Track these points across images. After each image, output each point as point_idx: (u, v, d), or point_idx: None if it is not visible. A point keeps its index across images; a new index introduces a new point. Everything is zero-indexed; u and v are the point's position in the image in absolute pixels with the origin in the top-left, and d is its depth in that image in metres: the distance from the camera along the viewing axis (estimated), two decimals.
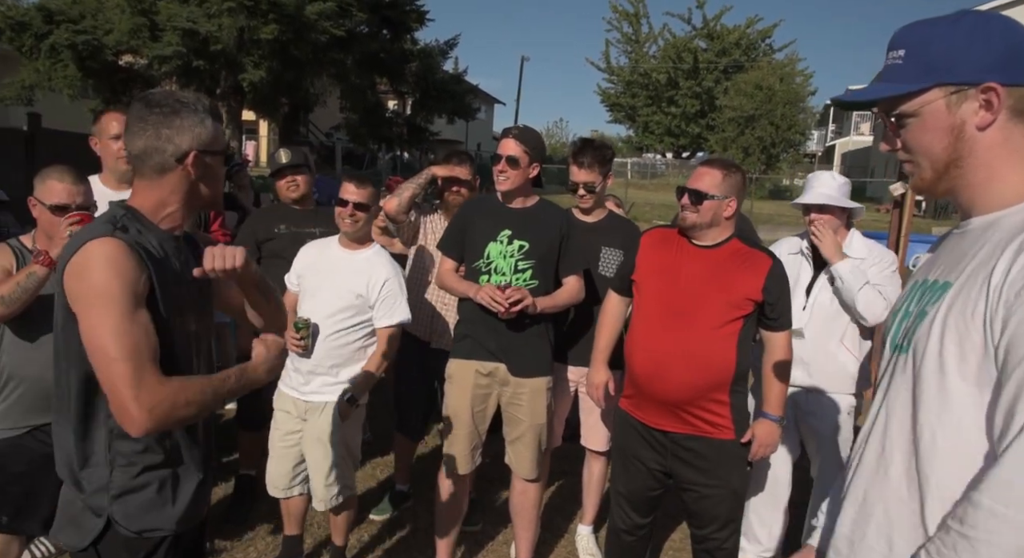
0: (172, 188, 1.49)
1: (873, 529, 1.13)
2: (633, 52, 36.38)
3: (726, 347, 2.40)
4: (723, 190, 2.42)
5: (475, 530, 3.39)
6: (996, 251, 1.01)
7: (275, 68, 17.91)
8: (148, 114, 1.44)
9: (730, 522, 2.54)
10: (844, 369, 2.95)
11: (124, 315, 1.33)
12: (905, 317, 1.18)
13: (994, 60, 1.04)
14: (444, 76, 22.84)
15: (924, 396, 1.06)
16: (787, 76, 29.15)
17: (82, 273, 1.34)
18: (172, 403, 1.33)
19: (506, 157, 2.74)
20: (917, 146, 1.11)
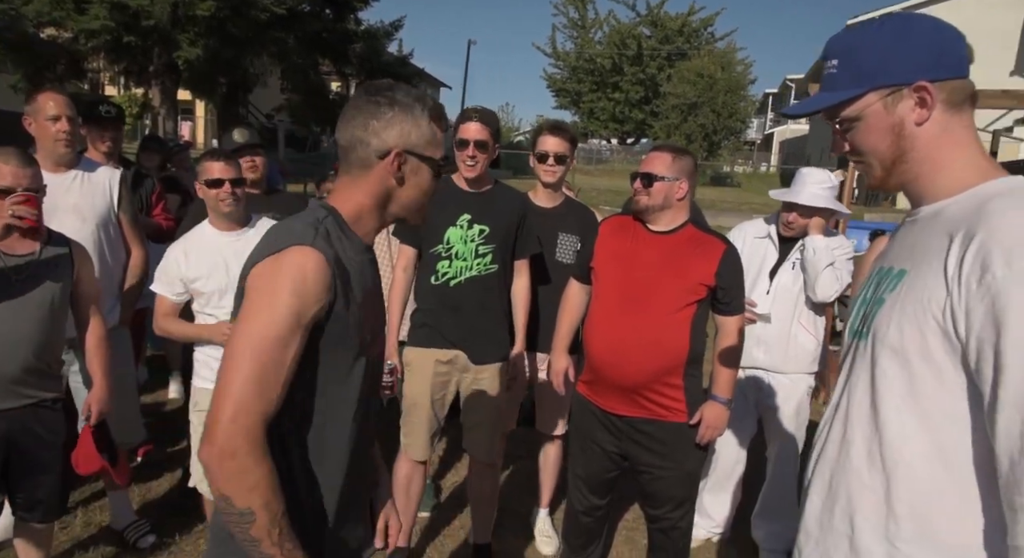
0: (370, 189, 1.34)
1: (839, 511, 1.17)
2: (579, 37, 36.52)
3: (680, 331, 2.45)
4: (673, 172, 2.45)
5: (430, 515, 3.39)
6: (945, 239, 1.05)
7: (212, 46, 17.30)
8: (364, 103, 1.32)
9: (685, 502, 2.60)
10: (803, 349, 3.06)
11: (275, 336, 1.18)
12: (864, 304, 1.22)
13: (921, 59, 1.09)
14: (389, 58, 22.50)
15: (883, 381, 1.10)
16: (728, 65, 29.73)
17: (266, 276, 1.21)
18: (250, 468, 1.16)
19: (475, 142, 2.72)
20: (864, 147, 1.17)
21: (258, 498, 1.16)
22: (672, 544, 2.66)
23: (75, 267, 2.40)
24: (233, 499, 1.16)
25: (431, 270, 2.77)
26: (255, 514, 1.16)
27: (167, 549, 2.97)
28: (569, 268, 3.12)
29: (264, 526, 1.17)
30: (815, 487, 1.24)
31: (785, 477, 3.18)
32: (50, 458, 2.36)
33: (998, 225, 0.98)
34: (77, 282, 2.41)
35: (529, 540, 3.30)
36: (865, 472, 1.13)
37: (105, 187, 2.90)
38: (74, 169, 2.84)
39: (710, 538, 3.37)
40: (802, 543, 1.27)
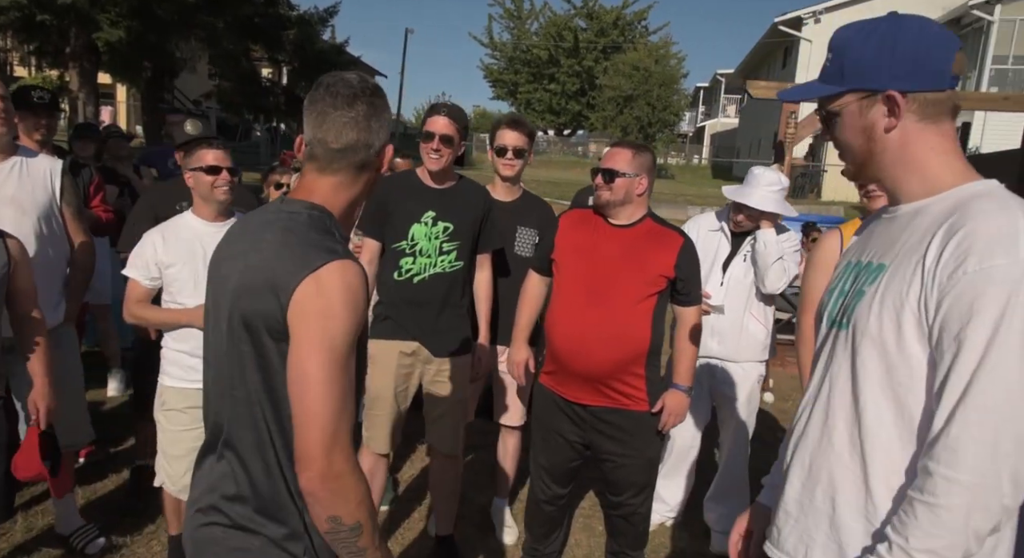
0: (364, 187, 1.34)
1: (820, 492, 1.24)
2: (515, 28, 36.51)
3: (642, 322, 2.51)
4: (633, 168, 2.51)
5: (389, 509, 3.38)
6: (926, 236, 1.12)
7: (136, 28, 16.52)
8: (355, 102, 1.27)
9: (645, 487, 2.68)
10: (755, 338, 3.17)
11: (345, 361, 1.18)
12: (841, 295, 1.29)
13: (897, 69, 1.15)
14: (324, 46, 21.97)
15: (863, 370, 1.17)
16: (662, 58, 30.28)
17: (321, 295, 1.18)
18: (355, 485, 1.18)
19: (440, 136, 2.71)
20: (841, 141, 1.24)
21: (364, 511, 1.20)
22: (633, 529, 2.74)
23: (10, 261, 2.28)
24: (343, 518, 1.18)
25: (394, 266, 2.76)
26: (363, 526, 1.20)
27: (118, 552, 2.88)
28: (528, 261, 3.15)
29: (370, 534, 1.21)
30: (794, 471, 1.30)
31: (737, 461, 3.31)
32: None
33: (978, 225, 1.06)
34: (12, 277, 2.29)
35: (489, 530, 3.33)
36: (846, 455, 1.20)
37: (45, 177, 2.75)
38: (12, 157, 2.68)
39: (664, 522, 3.47)
40: (780, 523, 1.33)
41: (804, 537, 1.27)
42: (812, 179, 20.38)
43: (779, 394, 5.71)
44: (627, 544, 2.78)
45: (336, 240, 1.25)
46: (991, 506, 1.04)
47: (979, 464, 1.03)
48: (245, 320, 1.23)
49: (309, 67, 21.67)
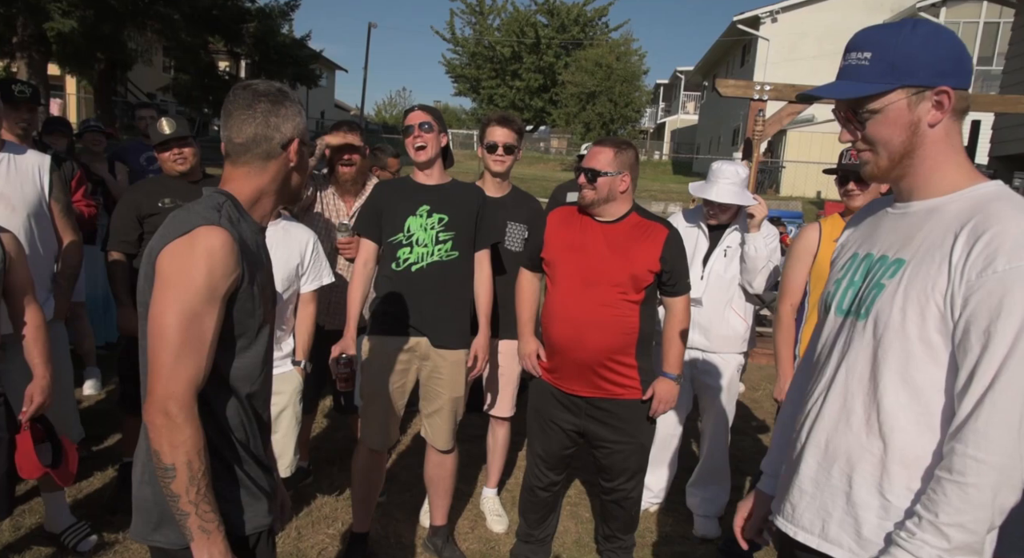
0: (272, 176, 1.48)
1: (837, 470, 1.33)
2: (477, 23, 36.39)
3: (631, 314, 2.60)
4: (615, 166, 2.58)
5: (382, 500, 3.41)
6: (947, 234, 1.21)
7: (88, 18, 16.03)
8: (255, 102, 1.43)
9: (637, 473, 2.78)
10: (735, 331, 3.29)
11: (195, 309, 1.31)
12: (851, 286, 1.38)
13: (946, 66, 1.23)
14: (285, 39, 21.65)
15: (887, 358, 1.26)
16: (623, 55, 30.56)
17: (178, 255, 1.32)
18: (179, 427, 1.28)
19: (418, 124, 2.78)
20: (878, 138, 1.28)
21: (182, 456, 1.28)
22: (625, 513, 2.83)
23: (5, 256, 2.26)
24: (161, 454, 1.29)
25: (392, 258, 2.80)
26: (176, 471, 1.28)
27: (111, 549, 2.86)
28: (518, 256, 3.23)
29: (183, 483, 1.29)
30: (810, 451, 1.39)
31: (719, 448, 3.43)
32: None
33: (1004, 227, 1.15)
34: (9, 271, 2.27)
35: (480, 520, 3.40)
36: (864, 436, 1.29)
37: (34, 173, 2.72)
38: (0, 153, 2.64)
39: (648, 508, 3.58)
40: (796, 500, 1.42)
41: (821, 512, 1.36)
42: (771, 175, 20.85)
43: (749, 384, 5.88)
44: (619, 528, 2.87)
45: (219, 215, 1.37)
46: (1016, 484, 1.14)
47: (1006, 446, 1.13)
48: (140, 287, 1.41)
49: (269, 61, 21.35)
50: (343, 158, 3.28)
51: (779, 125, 6.13)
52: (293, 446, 2.84)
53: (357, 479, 2.93)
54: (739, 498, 3.75)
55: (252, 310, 1.42)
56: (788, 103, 5.93)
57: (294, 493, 3.45)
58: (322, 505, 3.39)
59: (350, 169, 3.29)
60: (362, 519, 2.97)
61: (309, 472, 3.62)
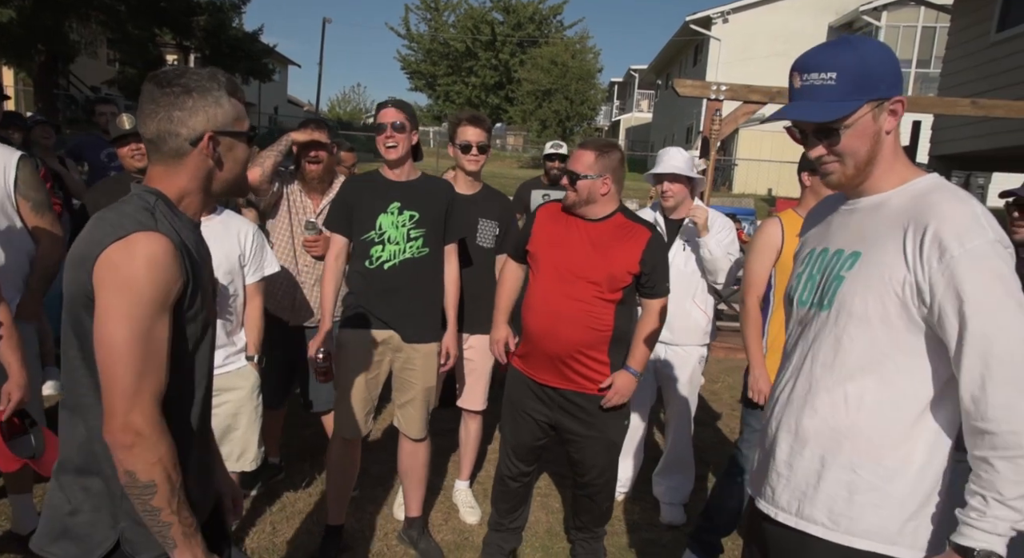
0: (191, 174, 1.39)
1: (808, 452, 1.44)
2: (432, 19, 36.23)
3: (606, 312, 2.66)
4: (595, 170, 2.63)
5: (355, 495, 3.44)
6: (897, 226, 1.33)
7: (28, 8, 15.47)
8: (159, 95, 1.34)
9: (607, 468, 2.85)
10: (696, 324, 3.41)
11: (147, 323, 1.25)
12: (810, 279, 1.49)
13: (895, 78, 1.36)
14: (237, 33, 21.21)
15: (849, 343, 1.37)
16: (579, 53, 30.81)
17: (120, 265, 1.24)
18: (154, 445, 1.25)
19: (391, 124, 2.80)
20: (847, 150, 1.37)
21: (160, 472, 1.26)
22: (596, 507, 2.92)
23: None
24: (138, 474, 1.25)
25: (364, 256, 2.83)
26: (157, 486, 1.26)
27: None
28: (489, 252, 3.30)
29: (165, 496, 1.27)
30: (782, 435, 1.49)
31: (682, 438, 3.56)
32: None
33: (947, 217, 1.27)
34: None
35: (453, 512, 3.45)
36: (831, 418, 1.40)
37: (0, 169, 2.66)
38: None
39: (616, 497, 3.68)
40: (773, 483, 1.53)
41: (796, 493, 1.46)
42: (724, 173, 21.31)
43: (708, 376, 6.05)
44: (591, 520, 2.96)
45: (153, 219, 1.30)
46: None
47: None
48: (67, 291, 1.32)
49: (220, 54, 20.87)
50: (310, 155, 3.28)
51: (734, 124, 6.33)
52: (256, 440, 2.81)
53: (332, 471, 2.97)
54: (703, 487, 3.91)
55: (196, 314, 1.37)
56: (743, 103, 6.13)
57: (266, 489, 3.46)
58: (295, 500, 3.40)
59: (317, 166, 3.29)
60: (337, 512, 3.00)
61: (281, 468, 3.62)
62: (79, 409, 1.34)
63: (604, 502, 2.90)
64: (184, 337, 1.35)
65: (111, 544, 1.33)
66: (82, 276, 1.27)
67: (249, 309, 2.85)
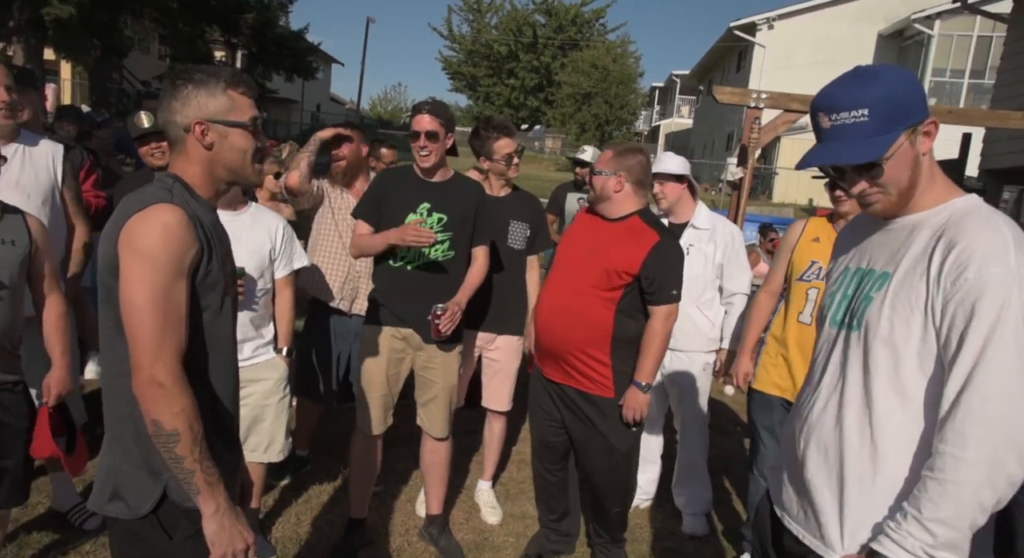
0: (192, 159, 1.52)
1: (833, 472, 1.42)
2: (475, 21, 36.43)
3: (603, 310, 2.64)
4: (611, 167, 2.68)
5: (379, 490, 3.50)
6: (927, 248, 1.31)
7: (86, 5, 15.99)
8: (167, 88, 1.50)
9: (609, 472, 2.79)
10: (700, 330, 3.40)
11: (165, 284, 1.37)
12: (845, 299, 1.47)
13: (921, 100, 1.34)
14: (284, 31, 21.62)
15: (875, 366, 1.36)
16: (620, 57, 30.68)
17: (138, 233, 1.38)
18: (176, 396, 1.36)
19: (425, 132, 2.80)
20: (891, 180, 1.35)
21: (183, 421, 1.36)
22: (604, 511, 2.90)
23: (31, 241, 2.31)
24: (163, 423, 1.36)
25: (390, 253, 2.86)
26: (180, 435, 1.36)
27: None
28: (519, 254, 3.32)
29: (188, 445, 1.37)
30: (809, 453, 1.48)
31: (692, 447, 3.52)
32: (12, 443, 2.29)
33: (974, 240, 1.26)
34: (35, 257, 2.33)
35: (474, 511, 3.48)
36: (856, 440, 1.38)
37: (48, 162, 2.78)
38: (13, 143, 2.70)
39: (638, 504, 3.66)
40: (794, 496, 1.53)
41: (816, 511, 1.45)
42: (764, 181, 21.03)
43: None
44: (601, 526, 2.96)
45: (169, 194, 1.44)
46: (996, 482, 1.21)
47: (983, 444, 1.20)
48: (100, 264, 1.46)
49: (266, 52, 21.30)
50: (332, 152, 3.37)
51: (774, 133, 6.24)
52: (283, 432, 2.84)
53: (355, 465, 3.01)
54: (726, 497, 3.87)
55: (214, 285, 1.48)
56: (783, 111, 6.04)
57: (293, 481, 3.52)
58: (320, 493, 3.46)
59: (340, 163, 3.39)
60: (359, 505, 3.05)
61: (308, 460, 3.69)
62: (116, 375, 1.46)
63: (612, 507, 2.88)
64: (200, 306, 1.46)
65: (158, 496, 1.45)
66: (110, 248, 1.42)
67: (279, 302, 2.89)
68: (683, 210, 3.38)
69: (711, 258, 3.36)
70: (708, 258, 3.35)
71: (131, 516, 1.45)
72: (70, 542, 2.81)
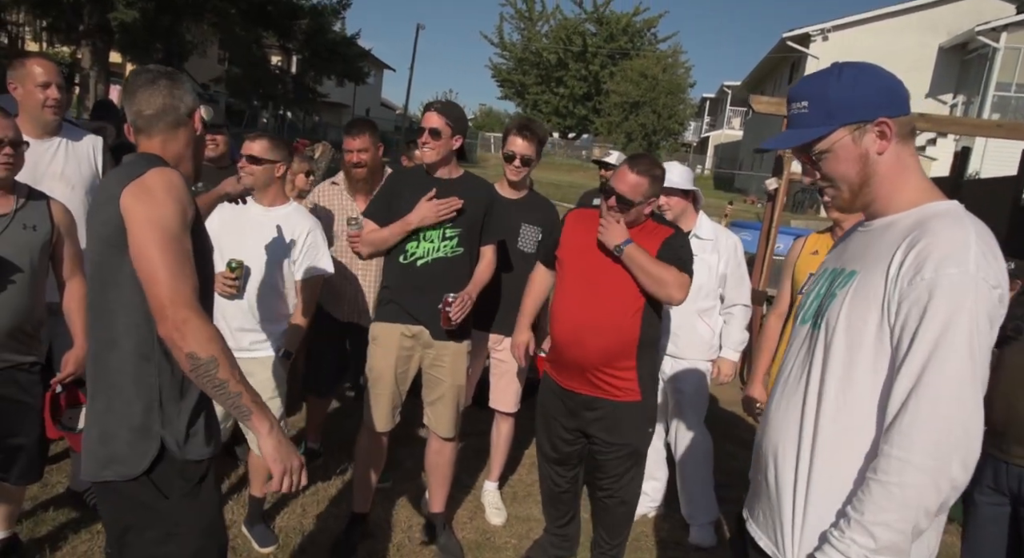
0: (185, 141, 1.69)
1: (785, 470, 1.40)
2: (526, 29, 36.66)
3: (632, 318, 2.65)
4: (644, 195, 2.62)
5: (386, 487, 3.54)
6: (893, 247, 1.30)
7: (150, 10, 16.67)
8: (157, 79, 1.64)
9: (625, 476, 2.80)
10: (702, 338, 3.39)
11: (176, 231, 1.48)
12: (816, 297, 1.46)
13: (879, 100, 1.32)
14: (336, 37, 22.13)
15: (831, 363, 1.34)
16: (670, 67, 30.48)
17: (143, 195, 1.49)
18: (204, 325, 1.44)
19: (428, 129, 2.84)
20: (835, 175, 1.37)
21: (216, 347, 1.43)
22: (610, 515, 2.89)
23: (54, 225, 2.42)
24: (198, 353, 1.42)
25: (400, 250, 2.90)
26: (218, 359, 1.43)
27: None
28: (530, 257, 3.32)
29: (227, 368, 1.44)
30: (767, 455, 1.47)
31: (693, 453, 3.46)
32: (26, 421, 2.40)
33: (936, 239, 1.24)
34: (58, 241, 2.43)
35: (479, 511, 3.50)
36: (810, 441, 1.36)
37: (89, 154, 2.93)
38: (57, 136, 2.86)
39: (646, 513, 3.63)
40: (755, 502, 1.52)
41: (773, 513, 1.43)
42: (812, 195, 20.57)
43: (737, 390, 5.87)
44: (604, 531, 2.93)
45: (163, 163, 1.57)
46: (940, 486, 1.19)
47: (929, 448, 1.18)
48: (95, 235, 1.57)
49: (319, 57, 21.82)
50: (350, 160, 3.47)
51: None
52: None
53: (359, 460, 3.06)
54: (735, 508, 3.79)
55: (204, 242, 1.61)
56: None
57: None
58: (328, 486, 3.53)
59: (360, 170, 3.48)
60: (362, 500, 3.09)
61: (319, 454, 3.76)
62: (102, 345, 1.56)
63: (617, 508, 2.86)
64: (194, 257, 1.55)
65: (155, 451, 1.52)
66: (111, 213, 1.50)
67: (297, 302, 2.92)
68: (686, 221, 3.37)
69: (714, 268, 3.35)
70: (711, 268, 3.34)
71: (127, 477, 1.52)
72: (84, 521, 2.92)
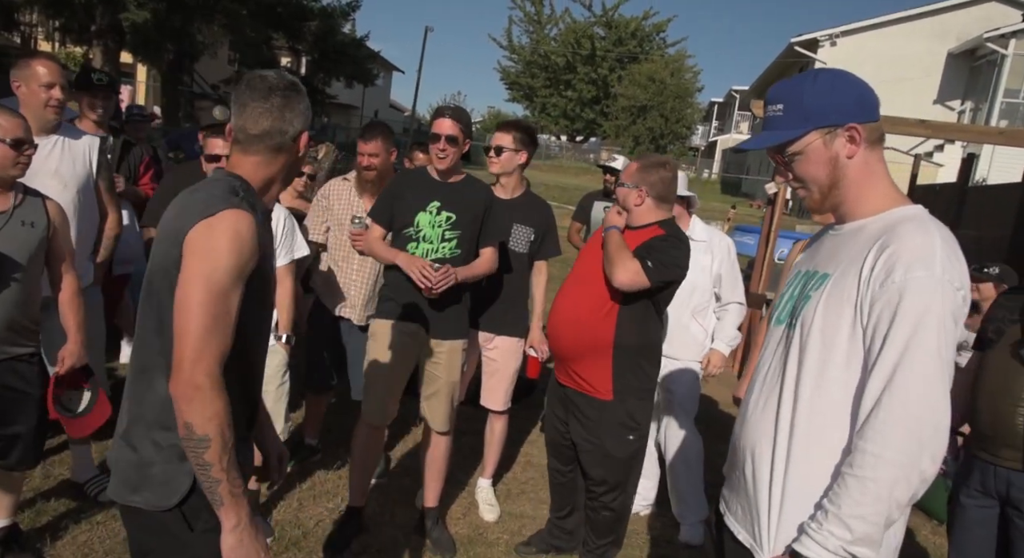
0: (281, 166, 1.56)
1: (763, 470, 1.45)
2: (534, 32, 36.77)
3: (604, 319, 2.70)
4: (634, 180, 2.74)
5: (382, 482, 3.60)
6: (863, 250, 1.35)
7: (161, 10, 16.81)
8: (271, 96, 1.50)
9: (605, 479, 2.82)
10: (695, 340, 3.45)
11: (225, 288, 1.37)
12: (791, 299, 1.51)
13: (850, 106, 1.38)
14: (345, 38, 22.26)
15: (807, 362, 1.39)
16: (678, 71, 30.50)
17: (207, 236, 1.38)
18: (212, 400, 1.35)
19: (445, 136, 2.91)
20: (806, 176, 1.43)
21: (215, 427, 1.34)
22: (594, 515, 2.93)
23: (50, 224, 2.48)
24: (195, 426, 1.34)
25: (401, 249, 2.97)
26: (211, 441, 1.34)
27: None
28: (521, 256, 3.39)
29: (217, 452, 1.35)
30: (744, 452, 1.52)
31: (683, 452, 3.50)
32: (25, 410, 2.46)
33: (904, 244, 1.29)
34: (52, 237, 2.50)
35: (473, 507, 3.54)
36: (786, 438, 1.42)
37: (85, 153, 2.99)
38: (55, 135, 2.92)
39: (637, 511, 3.67)
40: (733, 498, 1.57)
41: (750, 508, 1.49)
42: None
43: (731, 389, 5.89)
44: (591, 529, 2.99)
45: (239, 199, 1.44)
46: (912, 479, 1.25)
47: (902, 444, 1.24)
48: (153, 263, 1.46)
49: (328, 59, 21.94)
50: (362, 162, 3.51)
51: None
52: (281, 417, 3.01)
53: (356, 455, 3.11)
54: None
55: (264, 289, 1.51)
56: None
57: (299, 467, 3.65)
58: (324, 481, 3.58)
59: (371, 172, 3.52)
60: (358, 494, 3.14)
61: (317, 450, 3.82)
62: (147, 371, 1.47)
63: (601, 511, 2.90)
64: (246, 309, 1.44)
65: (187, 489, 1.44)
66: (172, 249, 1.41)
67: (280, 290, 2.97)
68: (680, 224, 3.41)
69: (708, 269, 3.41)
70: (705, 269, 3.40)
71: (159, 508, 1.44)
72: (83, 511, 2.99)
